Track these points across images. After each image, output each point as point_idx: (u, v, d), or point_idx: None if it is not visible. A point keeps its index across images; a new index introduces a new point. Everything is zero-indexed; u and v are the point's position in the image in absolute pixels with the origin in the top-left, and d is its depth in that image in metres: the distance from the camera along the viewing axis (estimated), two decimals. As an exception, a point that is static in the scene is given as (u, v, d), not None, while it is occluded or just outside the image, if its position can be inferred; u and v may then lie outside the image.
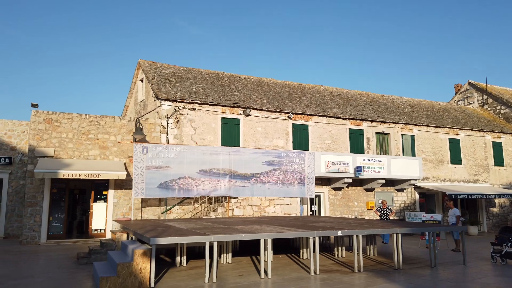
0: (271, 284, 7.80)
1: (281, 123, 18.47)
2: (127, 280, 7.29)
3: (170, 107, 16.25)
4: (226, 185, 14.89)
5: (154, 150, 14.33)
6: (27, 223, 13.81)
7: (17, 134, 16.13)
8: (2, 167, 15.72)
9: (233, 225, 10.31)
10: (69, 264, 9.93)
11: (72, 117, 14.87)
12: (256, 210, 15.08)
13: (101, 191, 15.41)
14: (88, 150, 14.89)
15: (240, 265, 9.84)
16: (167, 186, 14.20)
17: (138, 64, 19.40)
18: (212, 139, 16.87)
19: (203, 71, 20.48)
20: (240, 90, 19.41)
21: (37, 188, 14.07)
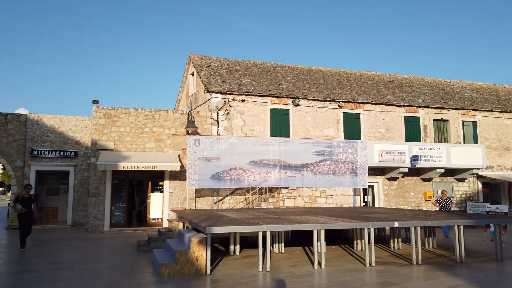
0: (325, 275, 7.72)
1: (331, 112, 18.10)
2: (185, 267, 7.57)
3: (220, 99, 16.52)
4: (276, 176, 14.90)
5: (206, 142, 14.65)
6: (92, 212, 14.79)
7: (81, 129, 17.25)
8: (68, 160, 16.92)
9: (285, 216, 10.31)
10: (130, 251, 10.51)
11: (129, 111, 15.61)
12: (307, 201, 14.97)
13: (157, 182, 16.09)
14: (145, 143, 15.58)
15: (293, 255, 9.84)
16: (219, 177, 14.48)
17: (188, 58, 19.88)
18: (261, 130, 16.93)
19: (251, 62, 20.54)
20: (289, 80, 19.25)
21: (99, 179, 15.00)
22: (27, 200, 10.77)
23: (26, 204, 10.69)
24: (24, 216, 10.71)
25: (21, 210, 10.58)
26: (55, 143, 16.76)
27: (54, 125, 16.79)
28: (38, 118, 16.64)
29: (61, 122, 16.96)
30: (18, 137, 16.36)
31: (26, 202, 10.72)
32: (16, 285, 6.86)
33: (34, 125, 16.51)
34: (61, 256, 9.73)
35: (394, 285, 6.88)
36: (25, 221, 10.74)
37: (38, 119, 16.63)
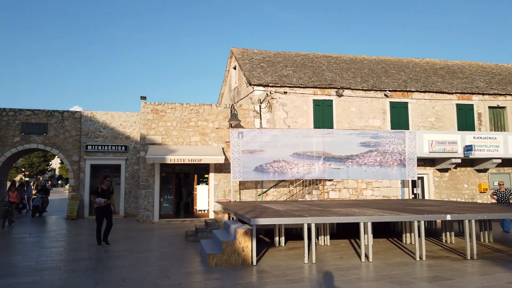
0: (372, 268, 7.56)
1: (377, 102, 17.55)
2: (231, 257, 7.72)
3: (262, 92, 16.54)
4: (320, 168, 14.72)
5: (249, 134, 14.75)
6: (142, 204, 15.46)
7: (130, 124, 18.02)
8: (119, 154, 17.77)
9: (330, 208, 10.18)
10: (179, 241, 10.88)
11: (175, 106, 16.07)
12: (352, 193, 14.69)
13: (203, 175, 16.49)
14: (190, 137, 16.00)
15: (339, 248, 9.72)
16: (262, 169, 14.55)
17: (230, 52, 20.06)
18: (304, 121, 16.78)
19: (293, 53, 20.35)
20: (332, 70, 18.87)
21: (149, 172, 15.62)
22: (106, 192, 10.07)
23: (105, 197, 9.99)
24: (103, 210, 10.01)
25: (105, 203, 9.90)
26: (107, 138, 17.64)
27: (106, 121, 17.67)
28: (92, 115, 17.58)
29: (112, 118, 17.81)
30: (74, 133, 17.40)
31: (105, 195, 10.03)
32: (75, 271, 7.34)
33: (88, 122, 17.47)
34: (115, 245, 10.27)
35: (447, 280, 6.60)
36: (103, 215, 10.03)
37: (92, 115, 17.57)
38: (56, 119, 17.27)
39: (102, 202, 9.90)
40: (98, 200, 9.88)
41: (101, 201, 9.88)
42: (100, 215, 10.04)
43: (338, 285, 6.30)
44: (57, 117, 17.31)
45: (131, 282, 6.50)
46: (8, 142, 16.62)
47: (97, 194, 9.97)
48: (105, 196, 10.00)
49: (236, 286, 6.29)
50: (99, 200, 9.88)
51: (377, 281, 6.62)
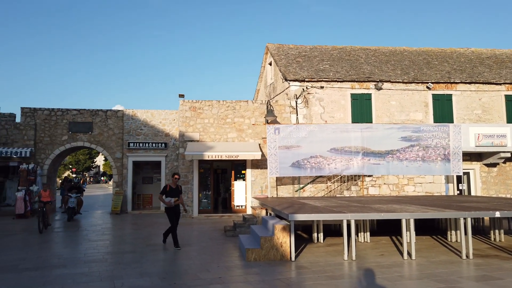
0: (415, 266, 7.33)
1: (418, 95, 16.92)
2: (270, 253, 7.75)
3: (298, 87, 16.41)
4: (359, 163, 14.43)
5: (285, 130, 14.72)
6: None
7: (169, 122, 18.49)
8: (159, 151, 18.29)
9: (370, 204, 9.96)
10: (217, 235, 11.06)
11: (212, 104, 16.31)
12: (393, 189, 14.27)
13: (240, 171, 16.64)
14: (227, 133, 16.18)
15: (380, 245, 9.50)
16: (299, 165, 14.48)
17: (266, 48, 20.04)
18: (342, 116, 16.49)
19: (330, 47, 20.02)
20: (370, 63, 18.39)
21: (187, 168, 15.98)
22: (174, 191, 9.29)
23: (174, 196, 9.21)
24: (173, 210, 9.24)
25: (175, 202, 9.16)
26: (148, 135, 18.22)
27: (146, 119, 18.24)
28: (133, 113, 18.21)
29: (152, 116, 18.35)
30: (117, 131, 18.10)
31: (174, 194, 9.24)
32: (120, 263, 7.66)
33: (130, 120, 18.11)
34: (157, 239, 10.60)
35: (497, 279, 6.28)
36: (174, 215, 9.25)
37: (133, 114, 18.20)
38: (100, 118, 18.04)
39: (172, 202, 9.11)
40: (168, 200, 9.12)
41: (171, 201, 9.10)
42: (171, 215, 9.22)
43: (380, 283, 6.16)
44: (101, 116, 18.08)
45: (173, 275, 6.69)
46: (57, 140, 17.57)
47: (166, 194, 9.18)
48: (174, 196, 9.21)
49: (275, 281, 6.31)
50: (168, 200, 9.11)
51: (421, 279, 6.42)
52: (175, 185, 9.39)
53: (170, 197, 9.14)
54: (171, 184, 9.38)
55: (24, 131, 17.12)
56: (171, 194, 9.19)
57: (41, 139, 17.41)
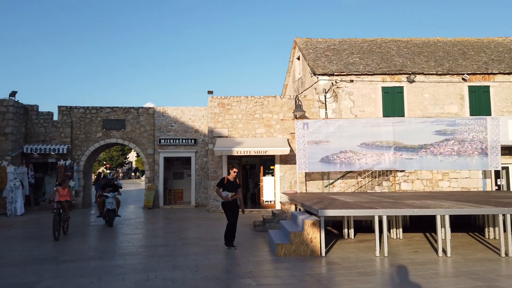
0: (451, 263, 7.10)
1: (453, 87, 16.30)
2: (300, 248, 7.73)
3: (327, 81, 16.19)
4: (390, 158, 14.09)
5: (314, 125, 14.57)
6: (211, 194, 16.05)
7: (198, 118, 18.75)
8: (189, 147, 18.59)
9: (402, 200, 9.73)
10: (247, 230, 11.14)
11: (240, 100, 16.38)
12: (427, 185, 13.86)
13: (269, 166, 16.65)
14: (255, 129, 16.22)
15: (413, 241, 9.26)
16: (328, 160, 14.31)
17: (294, 42, 19.88)
18: (372, 110, 16.14)
19: (359, 40, 19.61)
20: (402, 55, 17.87)
21: (217, 164, 16.16)
22: (232, 185, 8.51)
23: (231, 190, 8.45)
24: (231, 205, 8.47)
25: (232, 197, 8.40)
26: (178, 132, 18.55)
27: (176, 116, 18.57)
28: (163, 110, 18.58)
29: (182, 113, 18.65)
30: (148, 127, 18.54)
31: (232, 188, 8.47)
32: (154, 257, 7.86)
33: (160, 117, 18.50)
34: (189, 233, 10.82)
35: (540, 280, 5.98)
36: (232, 211, 8.47)
37: (163, 111, 18.57)
38: (132, 115, 18.53)
39: (229, 196, 8.41)
40: (225, 194, 8.41)
41: (228, 195, 8.40)
42: (229, 211, 8.47)
43: (414, 280, 6.01)
44: (133, 113, 18.56)
45: (204, 268, 6.80)
46: (92, 137, 18.20)
47: (223, 187, 8.48)
48: (231, 190, 8.47)
49: (306, 276, 6.29)
50: (225, 194, 8.40)
51: (457, 277, 6.21)
52: (233, 178, 8.56)
53: (227, 191, 8.43)
54: (229, 177, 8.57)
55: (61, 128, 17.84)
56: (229, 188, 8.45)
57: (77, 136, 18.09)
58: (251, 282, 5.97)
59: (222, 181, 8.59)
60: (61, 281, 6.11)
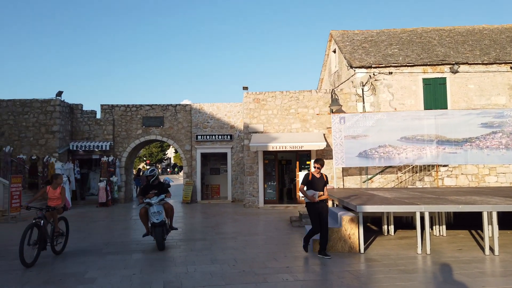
0: (499, 262, 6.73)
1: (501, 77, 15.39)
2: (338, 244, 7.62)
3: (365, 74, 15.79)
4: (432, 152, 13.56)
5: (351, 119, 14.28)
6: (247, 190, 16.18)
7: (234, 114, 18.90)
8: (225, 143, 18.80)
9: (445, 196, 9.33)
10: (283, 225, 11.13)
11: (275, 95, 16.33)
12: (472, 180, 13.23)
13: (304, 161, 16.52)
14: (291, 124, 16.12)
15: (457, 239, 8.87)
16: (366, 155, 13.99)
17: (330, 35, 19.52)
18: (412, 103, 15.57)
19: (398, 30, 18.94)
20: (444, 44, 17.08)
21: (252, 159, 16.23)
22: (319, 182, 7.32)
23: (318, 189, 7.27)
24: (317, 206, 7.23)
25: (319, 197, 7.19)
26: (214, 128, 18.80)
27: (212, 112, 18.82)
28: (200, 107, 18.88)
29: (218, 109, 18.88)
30: (186, 124, 18.93)
31: (318, 185, 7.30)
32: (193, 250, 8.04)
33: (197, 113, 18.82)
34: (226, 227, 10.97)
35: None
36: (318, 214, 7.22)
37: (200, 107, 18.87)
38: (170, 112, 18.98)
39: (316, 196, 7.19)
40: (310, 193, 7.25)
41: (314, 195, 7.20)
42: (315, 215, 7.25)
43: (458, 279, 5.76)
44: (171, 111, 19.00)
45: (242, 263, 6.87)
46: (133, 134, 18.84)
47: (308, 185, 7.34)
48: (318, 188, 7.27)
49: (344, 273, 6.20)
50: (311, 193, 7.23)
51: (505, 276, 5.89)
52: (319, 174, 7.41)
53: (313, 189, 7.25)
54: (315, 172, 7.41)
55: (103, 126, 18.60)
56: (315, 186, 7.27)
57: (118, 133, 18.79)
58: (289, 277, 5.96)
59: (306, 177, 7.39)
60: (106, 272, 6.39)
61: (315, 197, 7.22)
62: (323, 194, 7.31)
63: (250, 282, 5.73)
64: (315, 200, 7.20)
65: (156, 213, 7.91)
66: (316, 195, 7.23)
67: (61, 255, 7.70)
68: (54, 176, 8.04)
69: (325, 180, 7.45)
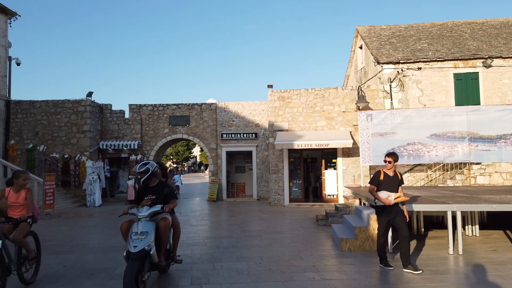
0: (538, 265, 6.43)
1: (538, 70, 14.67)
2: (365, 243, 7.49)
3: (393, 70, 15.43)
4: (464, 150, 13.11)
5: (379, 116, 14.02)
6: (273, 188, 16.16)
7: (259, 112, 18.90)
8: (250, 141, 18.85)
9: (478, 194, 9.00)
10: (309, 224, 11.05)
11: (300, 92, 16.22)
12: (507, 178, 12.69)
13: (330, 159, 16.33)
14: (316, 122, 15.97)
15: (491, 239, 8.54)
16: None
17: (356, 31, 19.19)
18: (443, 99, 15.10)
19: (428, 24, 18.40)
20: (477, 38, 16.46)
21: (278, 158, 16.19)
22: (392, 181, 6.19)
23: (391, 189, 6.15)
24: (391, 211, 6.10)
25: (395, 200, 6.06)
26: (239, 126, 18.87)
27: (237, 111, 18.90)
28: (225, 106, 19.00)
29: (243, 107, 18.94)
30: (211, 123, 19.10)
31: (391, 185, 6.17)
32: (219, 248, 8.10)
33: (222, 112, 18.95)
34: (251, 225, 10.99)
35: None
36: (392, 218, 6.14)
37: (225, 106, 18.99)
38: (196, 111, 19.20)
39: (392, 199, 6.04)
40: (384, 194, 6.10)
41: (388, 197, 6.05)
42: (386, 221, 6.15)
43: (492, 280, 5.54)
44: (197, 110, 19.22)
45: (268, 261, 6.86)
46: (160, 133, 19.18)
47: (379, 185, 6.22)
48: (392, 188, 6.15)
49: (372, 272, 6.08)
50: (385, 195, 6.08)
51: (546, 280, 5.61)
52: (393, 171, 6.29)
53: (385, 190, 6.15)
54: (387, 170, 6.30)
55: (132, 125, 19.03)
56: (388, 186, 6.16)
57: (146, 133, 19.18)
58: (315, 276, 5.91)
59: (377, 176, 6.26)
60: (135, 268, 6.53)
61: (391, 200, 6.05)
62: (399, 196, 6.10)
63: (277, 280, 5.72)
64: (391, 203, 6.05)
65: (136, 236, 4.79)
66: (392, 197, 6.05)
67: (93, 251, 7.93)
68: (15, 175, 5.62)
69: (400, 179, 6.28)
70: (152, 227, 4.99)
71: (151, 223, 5.04)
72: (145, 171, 5.54)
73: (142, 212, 5.08)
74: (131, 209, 5.21)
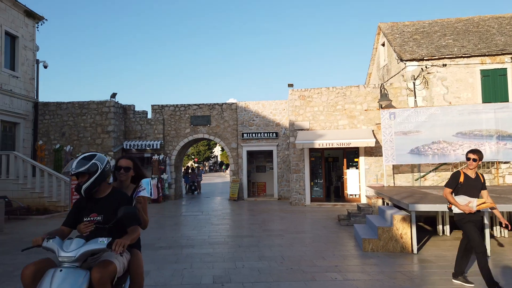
0: None
1: None
2: (389, 244, 7.36)
3: (416, 67, 15.10)
4: (492, 148, 12.70)
5: (402, 115, 13.75)
6: (294, 187, 16.09)
7: (279, 112, 18.86)
8: (271, 141, 18.83)
9: (506, 194, 8.70)
10: (331, 224, 10.95)
11: (321, 91, 16.08)
12: (538, 178, 12.22)
13: (352, 159, 16.13)
14: (337, 121, 15.80)
15: (521, 241, 8.24)
16: (418, 151, 13.42)
17: (378, 28, 18.88)
18: (469, 96, 14.67)
19: (453, 19, 17.91)
20: (505, 33, 15.90)
21: (298, 157, 16.12)
22: (473, 184, 5.18)
23: (473, 194, 5.13)
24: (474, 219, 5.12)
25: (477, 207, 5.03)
26: (260, 126, 18.88)
27: (258, 110, 18.92)
28: (245, 105, 19.05)
29: (263, 107, 18.94)
30: (232, 122, 19.19)
31: (472, 190, 5.16)
32: (240, 247, 8.13)
33: (243, 112, 19.01)
34: (272, 225, 10.98)
35: None
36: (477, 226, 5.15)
37: (245, 106, 19.04)
38: (216, 111, 19.33)
39: (474, 205, 5.03)
40: (463, 200, 5.12)
41: (469, 203, 5.06)
42: (475, 229, 5.06)
43: (524, 285, 5.34)
44: (217, 109, 19.35)
45: (290, 260, 6.84)
46: (181, 133, 19.42)
47: (457, 189, 5.22)
48: (473, 193, 5.14)
49: (396, 273, 5.97)
50: (465, 201, 5.10)
51: None
52: (474, 173, 5.23)
53: (465, 194, 5.14)
54: (467, 171, 5.24)
55: (154, 126, 19.34)
56: (468, 191, 5.15)
57: (168, 133, 19.45)
58: (338, 276, 5.85)
59: (456, 178, 5.22)
60: (158, 266, 6.65)
61: (472, 206, 4.98)
62: (484, 203, 5.01)
63: (298, 280, 5.70)
64: (472, 211, 5.00)
65: None
66: (474, 204, 4.98)
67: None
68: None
69: (483, 182, 5.20)
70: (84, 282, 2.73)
71: (81, 274, 2.75)
72: (88, 171, 3.15)
73: (68, 251, 2.80)
74: (49, 239, 2.86)
